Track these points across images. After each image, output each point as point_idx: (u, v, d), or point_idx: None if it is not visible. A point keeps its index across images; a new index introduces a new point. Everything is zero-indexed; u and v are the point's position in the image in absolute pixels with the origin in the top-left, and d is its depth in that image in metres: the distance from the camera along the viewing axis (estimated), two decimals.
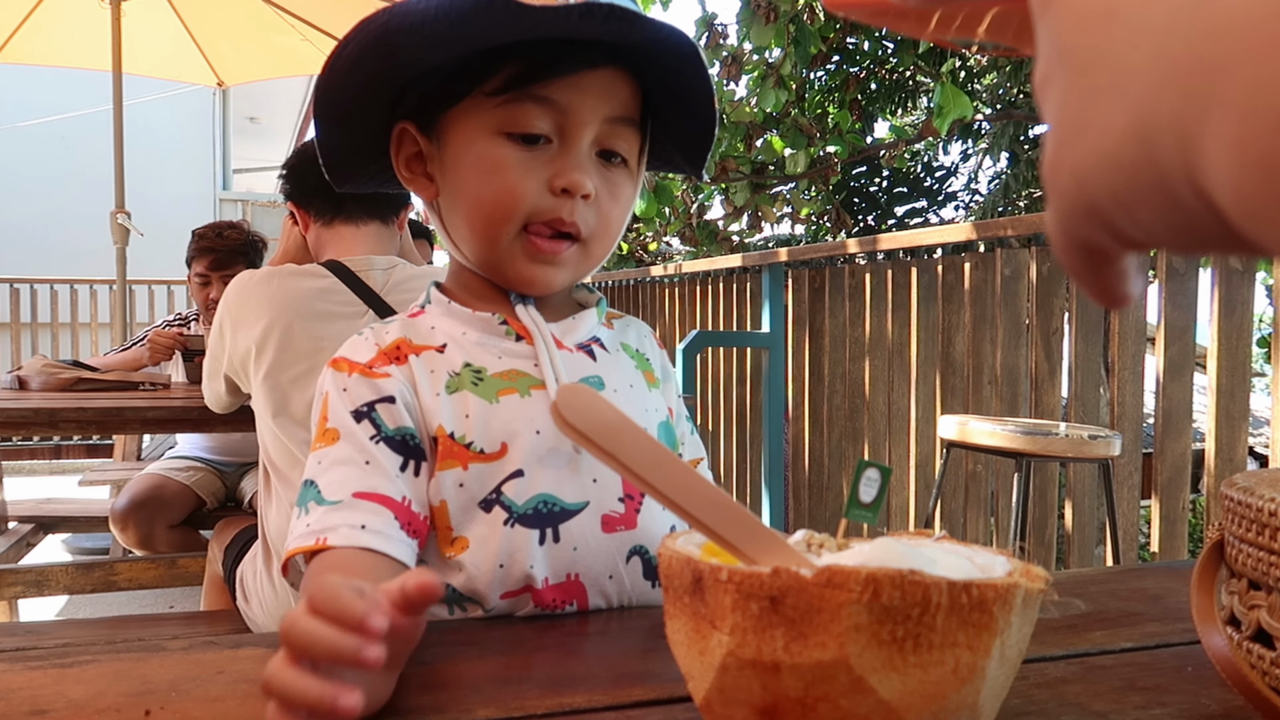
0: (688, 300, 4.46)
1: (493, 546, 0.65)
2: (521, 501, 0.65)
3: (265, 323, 1.41)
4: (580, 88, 0.66)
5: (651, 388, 0.76)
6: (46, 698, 0.49)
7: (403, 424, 0.65)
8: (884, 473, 0.51)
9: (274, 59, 4.24)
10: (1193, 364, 2.36)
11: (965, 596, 0.36)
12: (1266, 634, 0.46)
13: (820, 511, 3.48)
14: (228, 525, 1.91)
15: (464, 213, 0.68)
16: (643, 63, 0.68)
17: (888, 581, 0.36)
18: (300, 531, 0.61)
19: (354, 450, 0.63)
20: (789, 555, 0.42)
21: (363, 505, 0.61)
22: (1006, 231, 2.69)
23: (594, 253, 0.70)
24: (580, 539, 0.67)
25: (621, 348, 0.77)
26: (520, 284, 0.70)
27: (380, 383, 0.66)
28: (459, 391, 0.67)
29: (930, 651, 0.36)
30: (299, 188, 1.63)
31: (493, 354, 0.69)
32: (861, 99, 6.70)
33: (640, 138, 0.71)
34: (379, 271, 1.52)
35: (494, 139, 0.66)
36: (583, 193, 0.66)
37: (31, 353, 6.35)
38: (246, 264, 2.70)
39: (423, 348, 0.69)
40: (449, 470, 0.65)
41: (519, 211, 0.66)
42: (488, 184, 0.66)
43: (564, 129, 0.66)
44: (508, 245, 0.67)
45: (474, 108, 0.67)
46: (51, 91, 7.42)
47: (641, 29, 0.63)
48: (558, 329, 0.72)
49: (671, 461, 0.43)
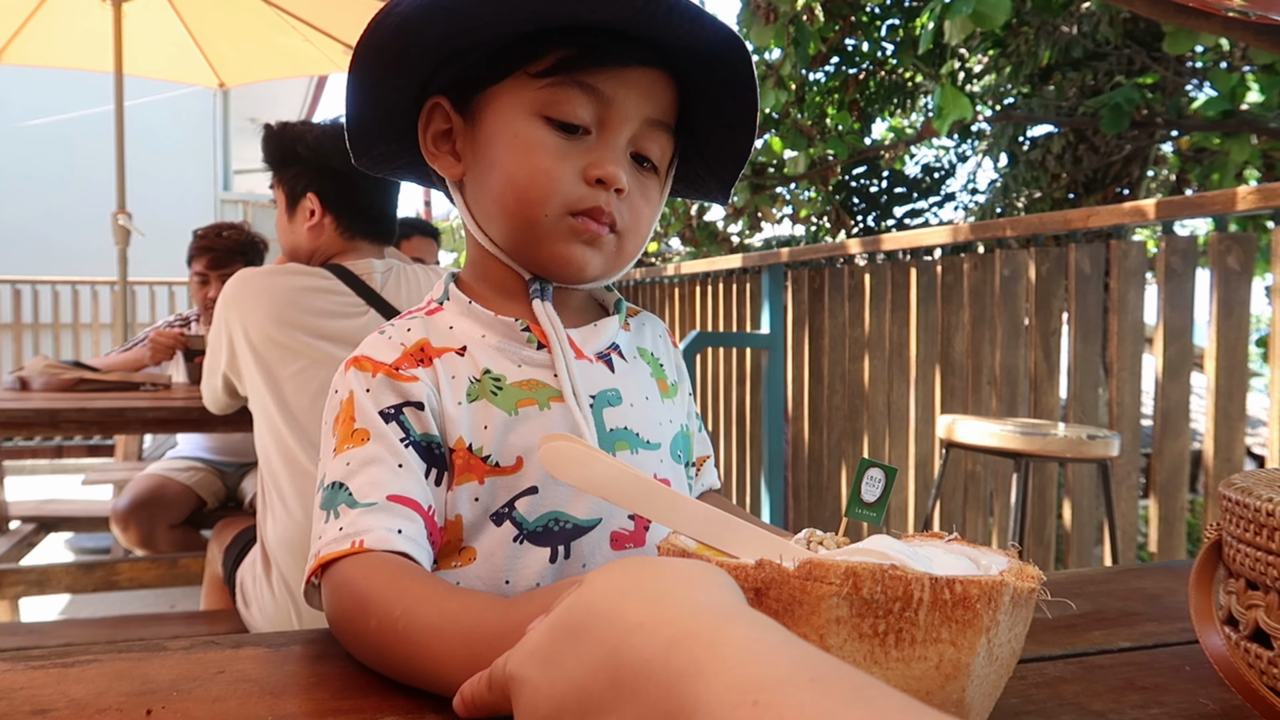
0: (687, 300, 4.46)
1: (498, 562, 0.64)
2: (532, 519, 0.65)
3: (265, 318, 1.41)
4: (626, 82, 0.65)
5: (666, 397, 0.76)
6: (48, 697, 0.50)
7: (429, 431, 0.64)
8: (888, 473, 0.51)
9: (275, 60, 4.24)
10: (1191, 364, 2.36)
11: (948, 593, 0.36)
12: (1264, 633, 0.46)
13: (820, 511, 3.48)
14: (227, 525, 1.91)
15: (495, 191, 0.67)
16: (686, 72, 0.68)
17: (868, 575, 0.36)
18: (332, 536, 0.58)
19: (386, 451, 0.61)
20: (776, 549, 0.43)
21: (397, 509, 0.59)
22: (1005, 232, 2.69)
23: (626, 249, 0.69)
24: (590, 556, 0.66)
25: (639, 353, 0.76)
26: (556, 264, 0.67)
27: (407, 386, 0.64)
28: (479, 400, 0.65)
29: (913, 646, 0.37)
30: (341, 196, 1.61)
31: (513, 361, 0.68)
32: (861, 100, 6.70)
33: (673, 147, 0.71)
34: (379, 274, 1.54)
35: (533, 120, 0.65)
36: (617, 185, 0.65)
37: (33, 353, 6.36)
38: (245, 263, 2.71)
39: (444, 350, 0.67)
40: (466, 484, 0.64)
41: (554, 195, 0.64)
42: (523, 164, 0.65)
43: (604, 121, 0.65)
44: (551, 224, 0.65)
45: (516, 87, 0.65)
46: (53, 93, 7.42)
47: (700, 27, 0.62)
48: (578, 335, 0.70)
49: (655, 490, 0.46)
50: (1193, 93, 6.25)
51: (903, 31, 6.47)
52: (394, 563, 0.57)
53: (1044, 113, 6.49)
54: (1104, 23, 5.87)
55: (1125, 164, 6.47)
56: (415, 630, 0.51)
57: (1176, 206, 2.23)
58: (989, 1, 3.35)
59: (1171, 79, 5.97)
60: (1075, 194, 6.80)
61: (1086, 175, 6.63)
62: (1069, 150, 6.63)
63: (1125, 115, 4.97)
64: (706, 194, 0.79)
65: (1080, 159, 6.57)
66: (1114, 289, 2.42)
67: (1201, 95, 6.03)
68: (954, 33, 3.56)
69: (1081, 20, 6.09)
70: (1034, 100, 6.60)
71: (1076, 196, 6.78)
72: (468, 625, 0.49)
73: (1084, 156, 6.54)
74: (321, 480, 0.63)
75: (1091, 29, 6.03)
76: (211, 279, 2.70)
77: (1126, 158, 6.41)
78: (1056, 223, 2.50)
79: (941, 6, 3.55)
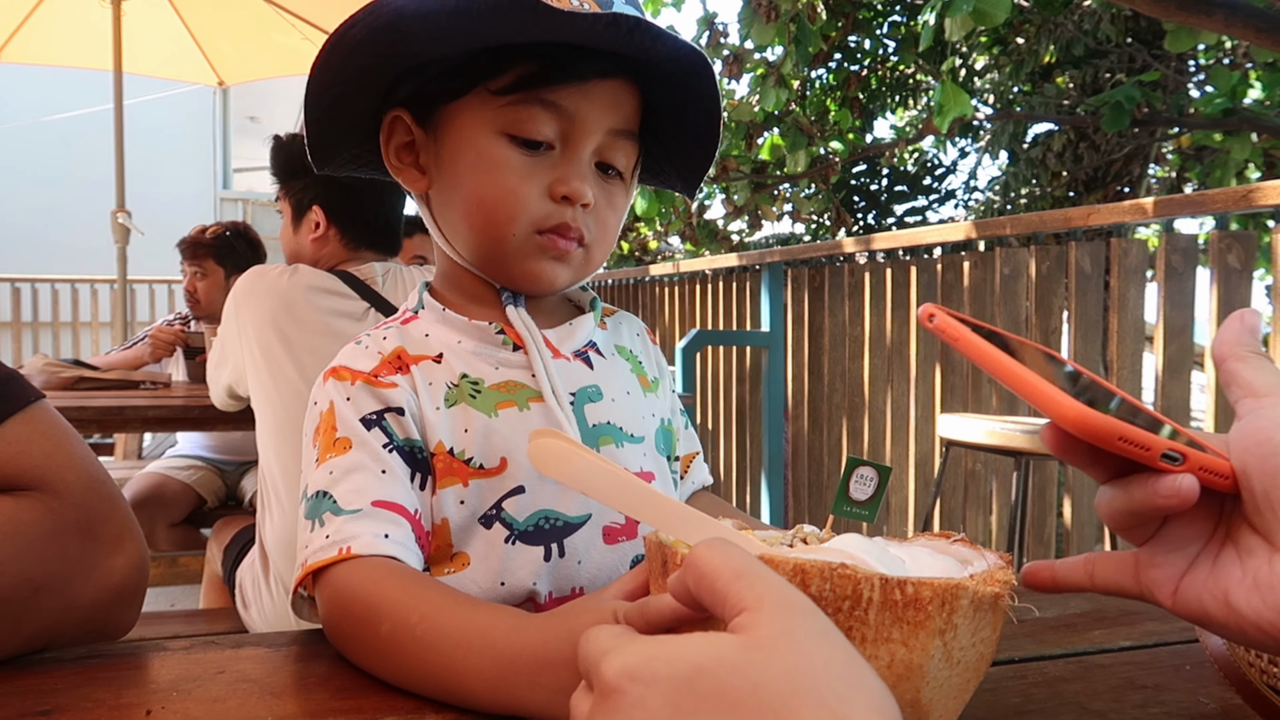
0: (687, 299, 4.46)
1: (493, 564, 0.64)
2: (522, 518, 0.65)
3: (273, 315, 1.43)
4: (588, 96, 0.65)
5: (647, 392, 0.76)
6: (49, 696, 0.50)
7: (411, 436, 0.64)
8: (882, 471, 0.51)
9: (274, 58, 4.24)
10: (1191, 363, 2.36)
11: (899, 594, 0.37)
12: None
13: (820, 510, 3.48)
14: (227, 525, 1.91)
15: (462, 209, 0.67)
16: (649, 78, 0.68)
17: (816, 573, 0.37)
18: (319, 544, 0.58)
19: (368, 458, 0.61)
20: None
21: (383, 514, 0.59)
22: (1006, 230, 2.69)
23: (594, 257, 0.70)
24: (584, 552, 0.66)
25: (617, 351, 0.76)
26: (526, 280, 0.68)
27: (387, 393, 0.64)
28: (457, 404, 0.65)
29: (864, 645, 0.37)
30: (347, 209, 1.64)
31: (489, 364, 0.68)
32: (862, 98, 6.70)
33: (637, 152, 0.71)
34: (379, 276, 1.59)
35: (496, 138, 0.64)
36: (583, 201, 0.65)
37: (32, 352, 6.36)
38: (214, 257, 2.77)
39: (420, 357, 0.67)
40: (450, 488, 0.64)
41: (521, 214, 0.65)
42: (488, 184, 0.65)
43: (568, 136, 0.65)
44: (519, 243, 0.66)
45: (478, 104, 0.65)
46: (52, 91, 7.42)
47: (663, 45, 0.63)
48: (554, 335, 0.71)
49: (630, 485, 0.47)
50: (1194, 91, 6.25)
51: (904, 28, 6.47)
52: (399, 568, 0.57)
53: (1045, 110, 6.49)
54: (1105, 20, 5.87)
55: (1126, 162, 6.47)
56: (437, 638, 0.50)
57: (1177, 205, 2.23)
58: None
59: (1173, 77, 5.97)
60: (1076, 192, 6.80)
61: (1087, 173, 6.63)
62: (1069, 148, 6.64)
63: (1126, 113, 4.97)
64: (672, 186, 0.80)
65: (1081, 157, 6.58)
66: (1114, 287, 2.41)
67: (1202, 93, 6.03)
68: (955, 30, 3.55)
69: (1083, 18, 6.09)
70: (1035, 98, 6.60)
71: (1077, 194, 6.79)
72: (499, 644, 0.48)
73: (1085, 154, 6.54)
74: (304, 491, 0.62)
75: (1093, 27, 6.03)
76: (186, 272, 2.79)
77: (1127, 156, 6.41)
78: (1057, 221, 2.49)
79: (942, 4, 3.54)
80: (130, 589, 0.60)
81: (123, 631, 0.61)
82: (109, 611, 0.59)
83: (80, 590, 0.57)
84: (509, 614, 0.52)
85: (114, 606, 0.60)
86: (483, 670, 0.48)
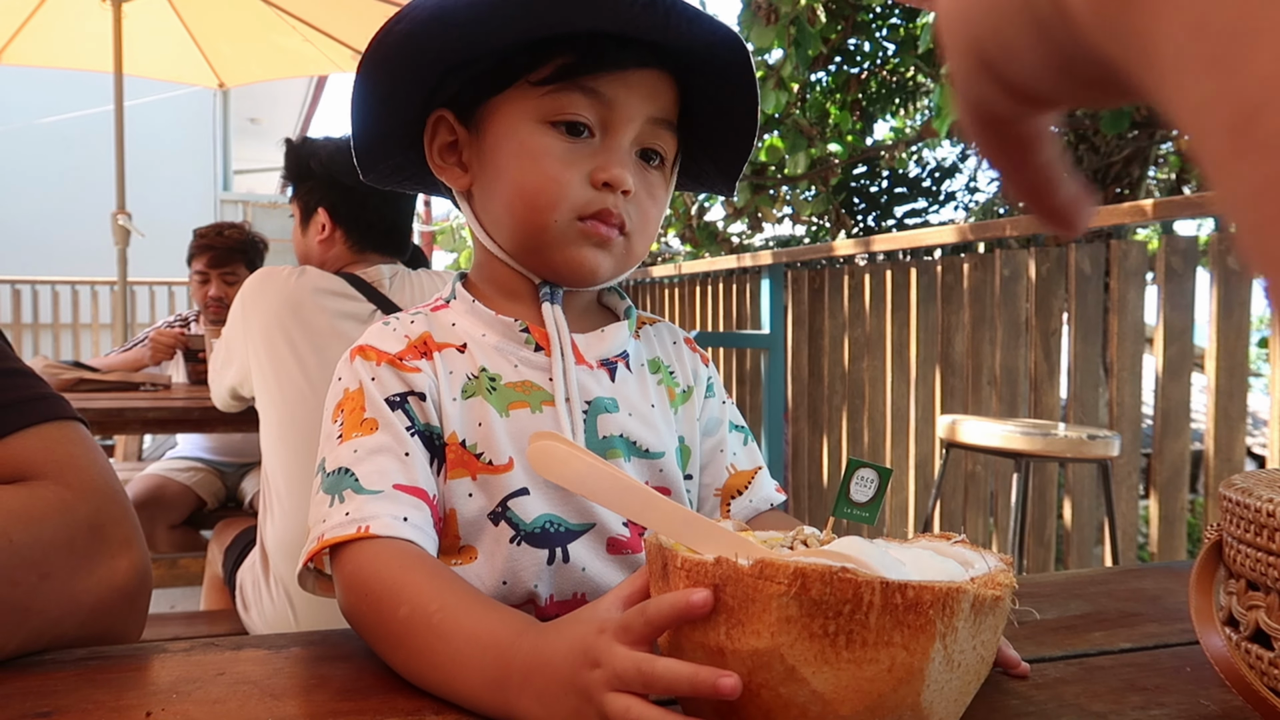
0: (687, 300, 4.46)
1: (498, 562, 0.65)
2: (529, 520, 0.65)
3: (281, 316, 1.43)
4: (627, 84, 0.66)
5: (673, 404, 0.75)
6: (49, 698, 0.50)
7: (430, 421, 0.65)
8: (882, 473, 0.51)
9: (275, 60, 4.24)
10: (1191, 364, 2.36)
11: (900, 597, 0.37)
12: (1265, 634, 0.46)
13: (821, 511, 3.48)
14: (227, 526, 1.91)
15: (504, 200, 0.68)
16: (686, 69, 0.69)
17: (816, 576, 0.37)
18: (338, 520, 0.58)
19: (393, 440, 0.62)
20: (735, 547, 0.43)
21: (404, 498, 0.60)
22: (1006, 232, 2.69)
23: (635, 249, 0.70)
24: (588, 560, 0.67)
25: (648, 364, 0.75)
26: (568, 268, 0.68)
27: (411, 377, 0.65)
28: (474, 397, 0.66)
29: (864, 649, 0.37)
30: (350, 212, 1.65)
31: (509, 361, 0.68)
32: (862, 100, 6.70)
33: (676, 143, 0.72)
34: (386, 279, 1.60)
35: (537, 127, 0.66)
36: (624, 187, 0.66)
37: (33, 353, 6.36)
38: (245, 262, 2.72)
39: (445, 345, 0.68)
40: (459, 479, 0.65)
41: (563, 201, 0.65)
42: (530, 172, 0.66)
43: (608, 123, 0.66)
44: (561, 230, 0.66)
45: (519, 96, 0.66)
46: (53, 93, 7.42)
47: (699, 28, 0.64)
48: (582, 341, 0.70)
49: (630, 488, 0.48)
50: None
51: (904, 31, 6.47)
52: (424, 556, 0.58)
53: None
54: None
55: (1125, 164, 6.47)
56: (451, 629, 0.51)
57: (1176, 206, 2.24)
58: None
59: None
60: None
61: (1086, 175, 6.63)
62: (1069, 150, 6.64)
63: (1125, 115, 4.97)
64: (710, 186, 0.81)
65: (1080, 159, 6.58)
66: (1114, 289, 2.41)
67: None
68: None
69: None
70: None
71: None
72: (504, 644, 0.49)
73: (1084, 157, 6.54)
74: (321, 465, 0.63)
75: None
76: (212, 277, 2.70)
77: (1127, 158, 6.41)
78: None
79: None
80: (133, 592, 0.61)
81: (127, 641, 0.62)
82: (112, 614, 0.60)
83: (84, 585, 0.58)
84: (520, 618, 0.52)
85: (117, 609, 0.60)
86: (486, 668, 0.49)
